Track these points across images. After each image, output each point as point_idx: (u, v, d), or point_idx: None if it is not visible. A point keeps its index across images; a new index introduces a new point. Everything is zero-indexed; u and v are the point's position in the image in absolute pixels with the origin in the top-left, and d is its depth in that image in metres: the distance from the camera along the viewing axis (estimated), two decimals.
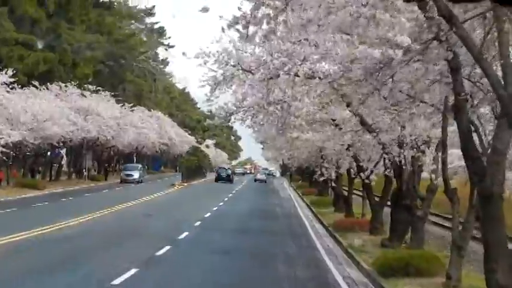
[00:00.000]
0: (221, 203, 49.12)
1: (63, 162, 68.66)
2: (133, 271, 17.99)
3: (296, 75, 23.15)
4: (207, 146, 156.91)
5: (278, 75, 23.25)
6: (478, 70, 14.54)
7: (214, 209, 43.28)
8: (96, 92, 71.14)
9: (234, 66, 23.60)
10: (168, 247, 23.40)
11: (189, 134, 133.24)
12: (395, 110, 20.71)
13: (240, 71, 23.63)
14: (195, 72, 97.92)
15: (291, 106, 26.16)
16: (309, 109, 31.63)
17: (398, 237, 26.88)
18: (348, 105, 22.86)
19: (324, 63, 21.04)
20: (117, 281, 16.60)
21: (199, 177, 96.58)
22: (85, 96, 68.02)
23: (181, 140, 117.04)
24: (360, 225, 32.92)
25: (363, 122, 23.32)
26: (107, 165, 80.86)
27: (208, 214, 38.64)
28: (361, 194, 59.24)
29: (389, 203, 30.29)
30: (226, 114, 31.36)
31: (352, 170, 40.48)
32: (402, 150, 22.06)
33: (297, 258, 23.44)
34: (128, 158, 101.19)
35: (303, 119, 30.97)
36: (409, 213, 25.47)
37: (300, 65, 22.19)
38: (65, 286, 16.43)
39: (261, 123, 32.01)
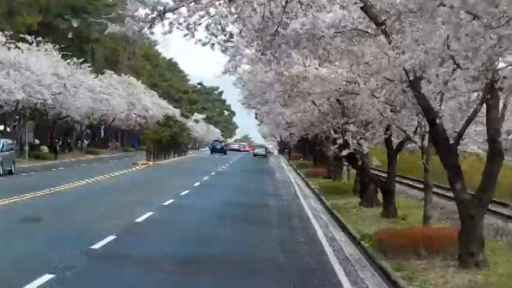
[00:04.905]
0: (186, 191, 32.48)
1: None
2: None
3: None
4: (196, 121, 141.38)
5: None
6: None
7: (167, 203, 26.61)
8: (37, 44, 54.36)
9: None
10: None
11: (173, 107, 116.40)
12: None
13: None
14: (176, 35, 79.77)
15: None
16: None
17: None
18: None
19: None
20: None
21: (176, 155, 79.58)
22: (19, 49, 51.12)
23: (163, 111, 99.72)
24: (426, 240, 16.38)
25: None
26: (57, 140, 63.62)
27: (147, 215, 21.95)
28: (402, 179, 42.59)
29: None
30: (152, 11, 15.06)
31: (392, 139, 23.82)
32: None
33: None
34: (93, 132, 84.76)
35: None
36: None
37: None
38: None
39: (225, 35, 15.51)
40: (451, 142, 15.37)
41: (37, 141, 63.81)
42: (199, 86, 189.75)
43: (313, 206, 29.52)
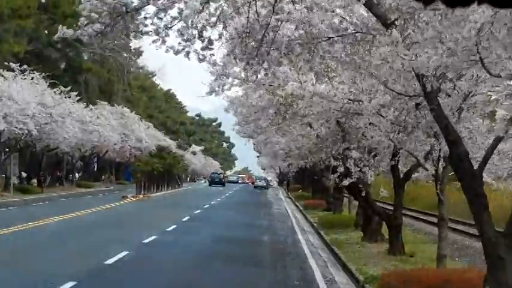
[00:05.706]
0: (173, 226, 29.71)
1: None
2: None
3: None
4: (194, 153, 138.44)
5: None
6: None
7: (149, 240, 23.84)
8: (22, 72, 51.79)
9: None
10: None
11: (170, 139, 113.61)
12: None
13: None
14: (171, 59, 76.97)
15: None
16: None
17: None
18: None
19: None
20: None
21: (170, 187, 76.68)
22: (3, 76, 48.63)
23: (159, 143, 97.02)
24: (443, 285, 13.87)
25: None
26: (41, 172, 60.80)
27: (120, 255, 19.18)
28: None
29: None
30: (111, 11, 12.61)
31: (400, 167, 21.18)
32: None
33: None
34: (86, 164, 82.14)
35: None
36: None
37: None
38: None
39: (203, 41, 13.06)
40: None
41: (24, 174, 61.12)
42: (197, 118, 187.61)
43: (311, 242, 26.83)
